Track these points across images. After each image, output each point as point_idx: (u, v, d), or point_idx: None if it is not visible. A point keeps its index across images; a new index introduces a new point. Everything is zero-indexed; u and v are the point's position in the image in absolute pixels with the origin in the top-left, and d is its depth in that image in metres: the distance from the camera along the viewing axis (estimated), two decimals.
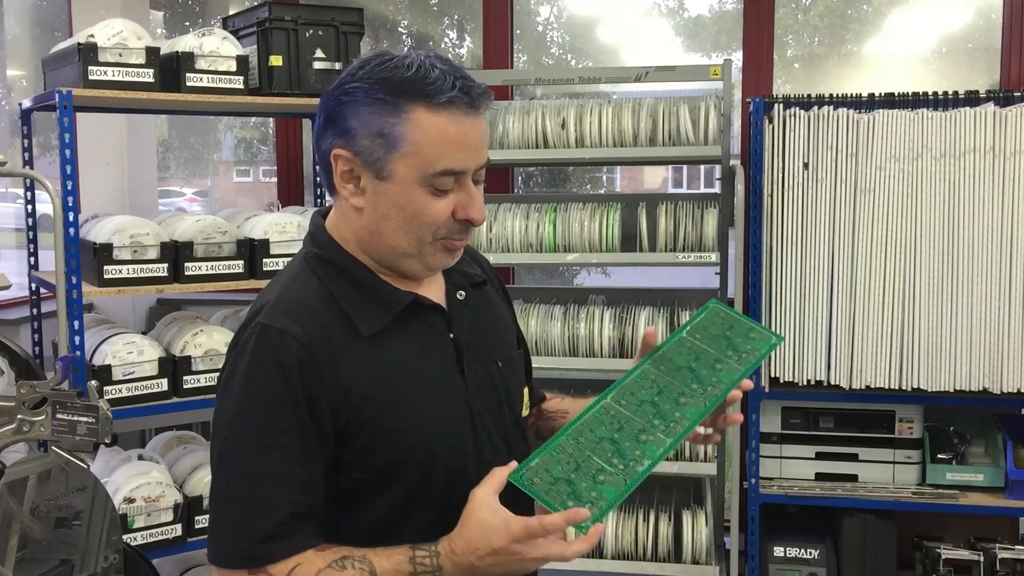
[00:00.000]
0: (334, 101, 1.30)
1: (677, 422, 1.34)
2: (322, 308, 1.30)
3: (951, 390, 3.08)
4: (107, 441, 1.69)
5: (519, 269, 3.98)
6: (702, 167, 5.86)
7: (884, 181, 3.06)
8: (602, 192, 7.82)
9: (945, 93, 3.11)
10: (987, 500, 3.18)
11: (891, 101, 3.13)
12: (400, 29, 7.52)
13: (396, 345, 1.32)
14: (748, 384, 1.40)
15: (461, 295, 1.42)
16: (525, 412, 1.50)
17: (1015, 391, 3.06)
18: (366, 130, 1.26)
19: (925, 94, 3.12)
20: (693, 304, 3.29)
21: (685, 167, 7.49)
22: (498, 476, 1.27)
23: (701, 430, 1.43)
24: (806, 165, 3.14)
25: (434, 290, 1.40)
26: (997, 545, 3.26)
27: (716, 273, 3.28)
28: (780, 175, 3.17)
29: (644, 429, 1.34)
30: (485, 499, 1.24)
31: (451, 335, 1.38)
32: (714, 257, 3.13)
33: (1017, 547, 3.28)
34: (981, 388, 3.08)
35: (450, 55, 7.62)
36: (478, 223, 1.30)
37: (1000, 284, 3.02)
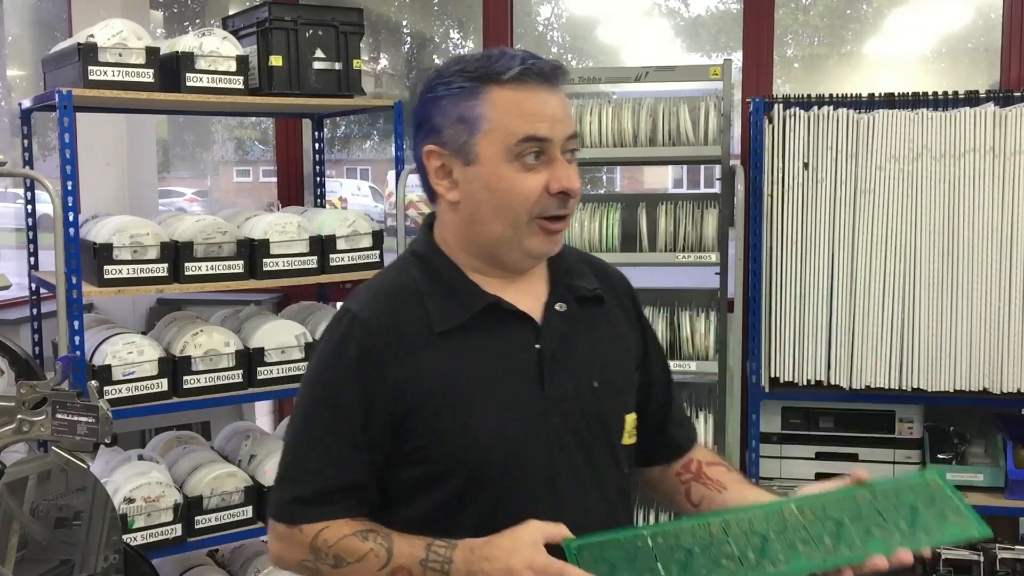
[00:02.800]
0: (420, 109, 1.36)
1: (773, 563, 1.23)
2: (404, 300, 1.34)
3: (951, 390, 3.08)
4: (107, 441, 1.69)
5: None
6: (702, 167, 5.85)
7: (884, 181, 3.06)
8: (602, 192, 7.82)
9: (945, 93, 3.10)
10: (987, 500, 3.17)
11: (891, 101, 3.13)
12: (401, 29, 7.52)
13: (468, 346, 1.33)
14: (906, 557, 1.25)
15: (561, 307, 1.39)
16: (629, 440, 1.44)
17: (1015, 391, 3.06)
18: (448, 120, 1.31)
19: (925, 94, 3.11)
20: (693, 304, 3.28)
21: (685, 167, 7.50)
22: (561, 531, 1.24)
23: None
24: (806, 165, 3.14)
25: (531, 298, 1.39)
26: (997, 545, 3.25)
27: (716, 273, 3.27)
28: (780, 175, 3.17)
29: (728, 556, 1.24)
30: (535, 527, 1.23)
31: (537, 345, 1.35)
32: (714, 257, 3.13)
33: (1017, 547, 3.28)
34: (981, 388, 3.08)
35: (450, 55, 7.62)
36: (574, 193, 1.30)
37: (1000, 284, 3.02)
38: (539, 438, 1.33)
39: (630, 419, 1.44)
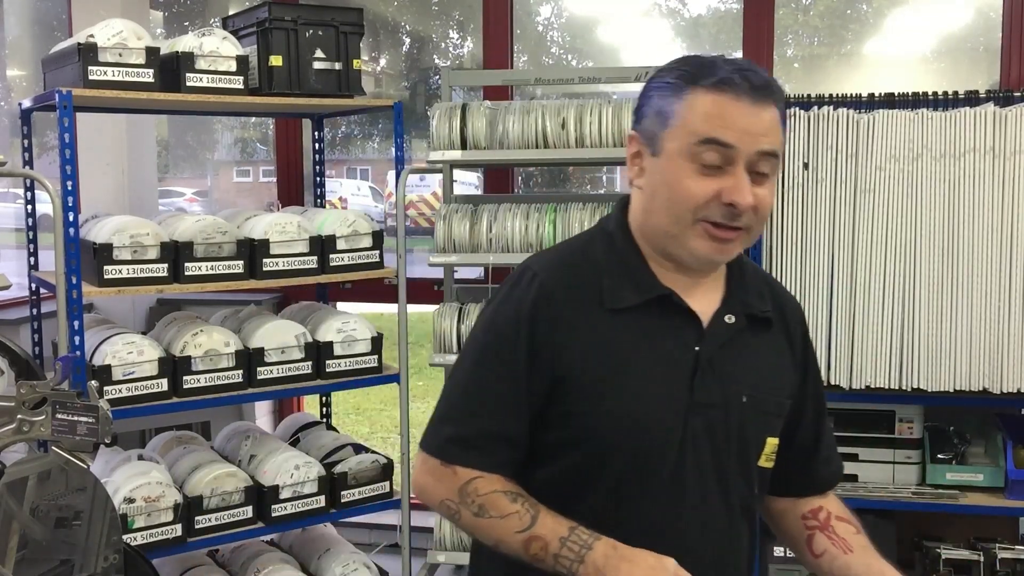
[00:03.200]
0: (639, 97, 1.41)
1: None
2: (585, 272, 1.39)
3: (951, 390, 3.08)
4: (107, 441, 1.69)
5: None
6: None
7: (884, 181, 3.06)
8: (602, 192, 7.82)
9: (945, 93, 3.10)
10: (987, 500, 3.17)
11: (891, 101, 3.13)
12: (401, 29, 7.52)
13: (634, 329, 1.37)
14: None
15: (730, 319, 1.41)
16: (765, 463, 1.45)
17: (1015, 391, 3.06)
18: (650, 111, 1.36)
19: (925, 94, 3.11)
20: None
21: None
22: None
23: None
24: (806, 165, 3.13)
25: (704, 302, 1.41)
26: (997, 545, 3.25)
27: None
28: (780, 175, 3.16)
29: None
30: (676, 566, 1.28)
31: (697, 348, 1.38)
32: None
33: (1017, 547, 3.28)
34: (981, 388, 3.08)
35: (450, 55, 7.63)
36: (742, 208, 1.30)
37: (1000, 284, 3.02)
38: (675, 435, 1.37)
39: (771, 442, 1.45)
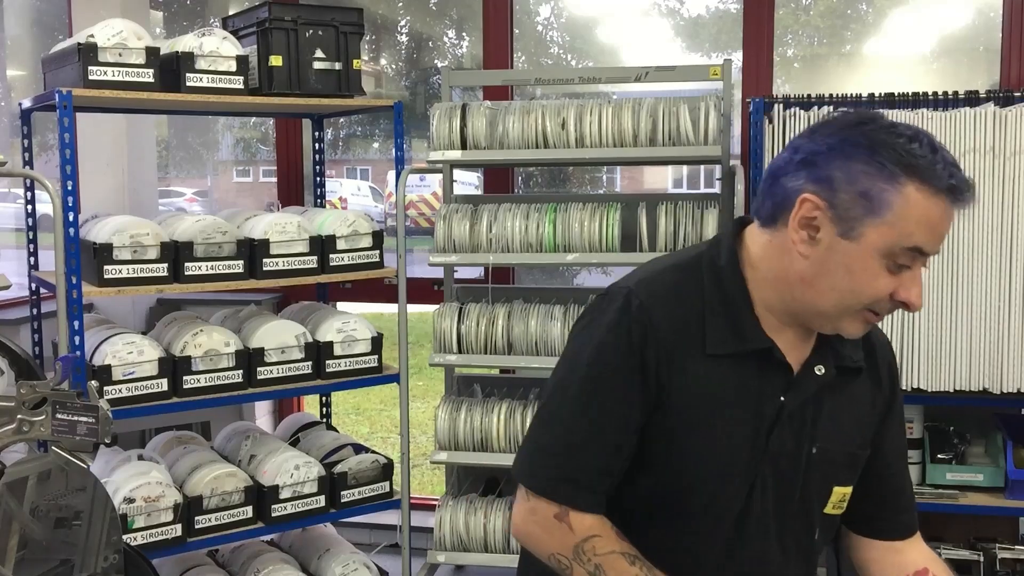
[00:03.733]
0: (823, 145, 1.26)
1: None
2: (688, 305, 1.34)
3: (951, 390, 3.08)
4: (107, 441, 1.69)
5: (519, 269, 3.98)
6: (702, 167, 5.85)
7: None
8: (602, 192, 7.82)
9: (945, 93, 3.10)
10: (987, 500, 3.17)
11: (891, 101, 3.13)
12: (401, 29, 7.51)
13: (727, 376, 1.33)
14: None
15: (820, 370, 1.38)
16: (832, 511, 1.44)
17: (1015, 391, 3.06)
18: (851, 187, 1.23)
19: (925, 94, 3.11)
20: None
21: (686, 167, 7.50)
22: None
23: None
24: None
25: (797, 350, 1.37)
26: (997, 545, 3.25)
27: None
28: None
29: None
30: None
31: (782, 398, 1.36)
32: None
33: (1017, 547, 3.28)
34: (981, 388, 3.08)
35: (450, 55, 7.63)
36: (914, 310, 1.28)
37: (1000, 284, 3.02)
38: (745, 480, 1.36)
39: (839, 491, 1.44)
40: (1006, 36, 3.47)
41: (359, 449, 3.30)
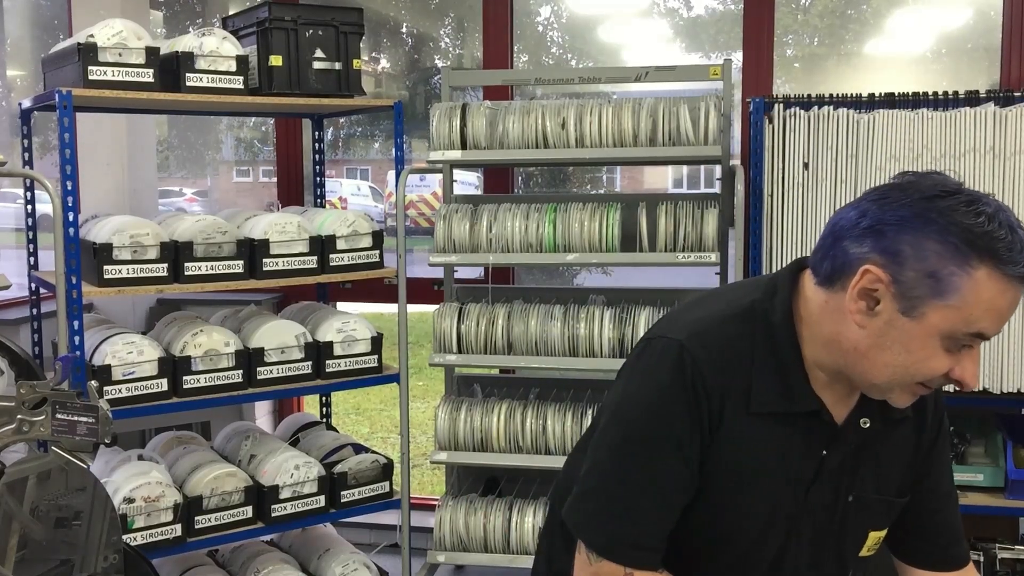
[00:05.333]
0: (893, 216, 1.21)
1: None
2: (737, 360, 1.30)
3: (950, 390, 3.07)
4: (107, 441, 1.69)
5: (519, 269, 3.98)
6: (702, 167, 5.85)
7: (884, 181, 3.05)
8: (602, 192, 7.82)
9: (945, 93, 3.10)
10: (987, 500, 3.17)
11: (891, 101, 3.13)
12: (401, 30, 7.52)
13: (772, 433, 1.32)
14: None
15: (865, 423, 1.35)
16: (866, 553, 1.43)
17: (1015, 391, 3.06)
18: (920, 265, 1.18)
19: (925, 94, 3.11)
20: None
21: (686, 167, 7.50)
22: None
23: None
24: (806, 165, 3.13)
25: (842, 404, 1.35)
26: (997, 545, 3.25)
27: (716, 273, 3.27)
28: (780, 175, 3.16)
29: None
30: None
31: (824, 452, 1.34)
32: (714, 257, 3.13)
33: (1017, 547, 3.28)
34: (981, 388, 3.08)
35: (450, 55, 7.63)
36: (968, 389, 1.25)
37: None
38: (782, 531, 1.36)
39: (874, 536, 1.43)
40: (1006, 36, 3.47)
41: (359, 449, 3.30)
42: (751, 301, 1.33)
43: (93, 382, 1.91)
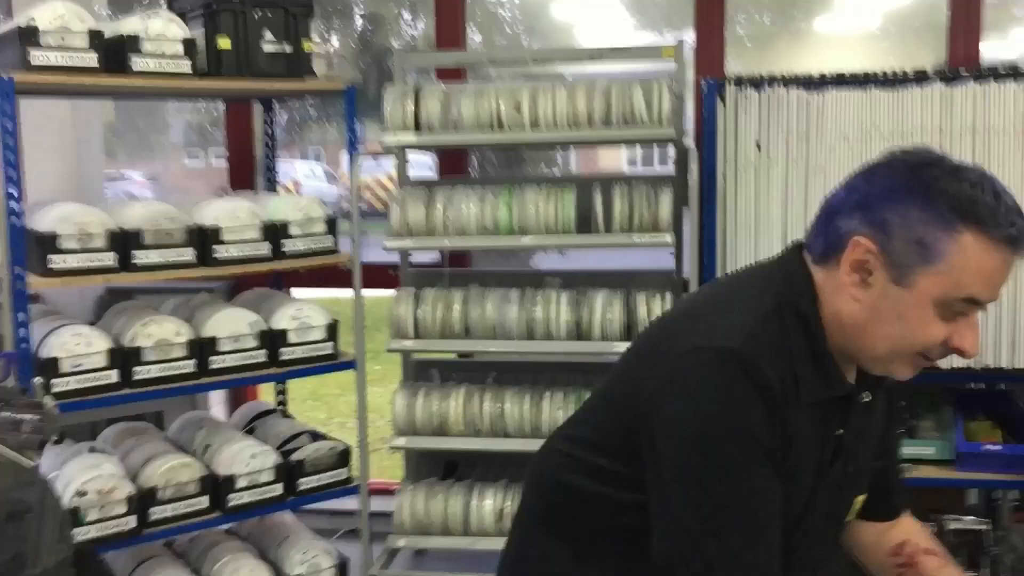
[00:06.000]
0: (880, 188, 1.23)
1: None
2: (784, 356, 1.26)
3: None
4: (54, 439, 1.65)
5: (476, 253, 3.96)
6: (660, 146, 5.87)
7: (836, 161, 3.09)
8: (558, 173, 7.82)
9: (894, 73, 3.13)
10: (937, 473, 3.23)
11: (841, 80, 3.15)
12: (353, 10, 7.42)
13: (814, 420, 1.30)
14: None
15: (866, 397, 1.36)
16: (851, 517, 1.47)
17: (964, 366, 3.11)
18: (907, 233, 1.20)
19: (874, 74, 3.14)
20: (649, 286, 3.28)
21: (642, 147, 7.52)
22: None
23: None
24: (759, 145, 3.15)
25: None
26: (947, 516, 3.33)
27: (671, 254, 3.29)
28: (734, 155, 3.18)
29: None
30: None
31: (840, 431, 1.34)
32: (669, 238, 3.14)
33: (966, 518, 3.36)
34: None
35: (404, 35, 7.55)
36: (968, 357, 1.26)
37: None
38: (808, 512, 1.35)
39: (859, 500, 1.46)
40: (952, 14, 3.51)
41: (316, 436, 3.27)
42: (776, 293, 1.31)
43: (38, 379, 1.87)
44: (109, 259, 2.75)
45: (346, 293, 3.37)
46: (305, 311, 3.12)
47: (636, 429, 1.28)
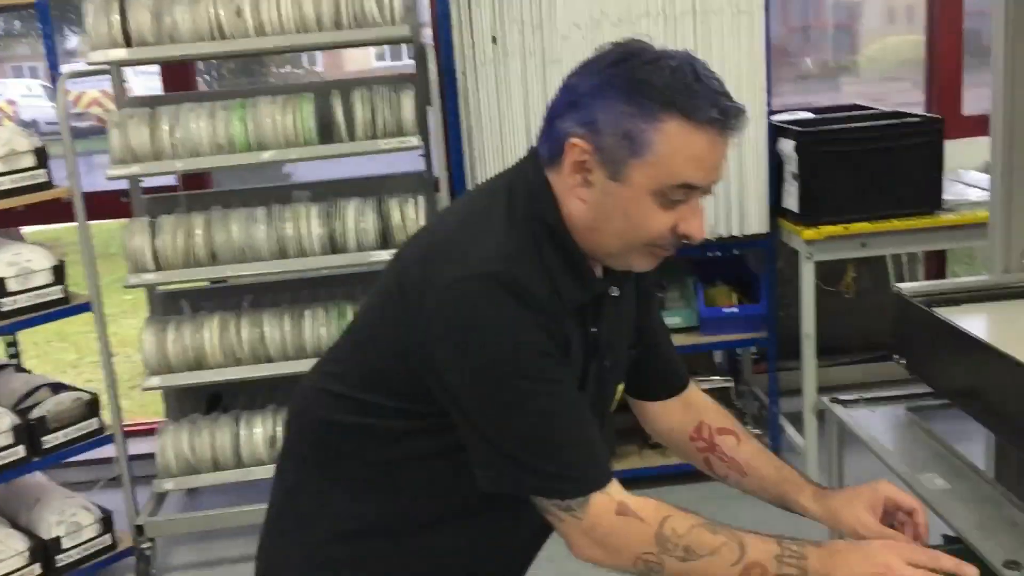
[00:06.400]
0: (587, 86, 1.23)
1: None
2: (541, 269, 1.25)
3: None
4: None
5: (216, 173, 3.72)
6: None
7: (569, 50, 3.12)
8: (301, 81, 7.47)
9: None
10: (686, 340, 3.46)
11: None
12: None
13: (576, 324, 1.30)
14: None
15: (615, 291, 1.36)
16: (614, 407, 1.47)
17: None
18: (613, 128, 1.20)
19: None
20: (400, 191, 3.22)
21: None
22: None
23: None
24: (495, 39, 3.12)
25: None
26: (697, 378, 3.58)
27: (421, 155, 3.24)
28: (472, 51, 3.14)
29: None
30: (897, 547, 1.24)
31: (594, 329, 1.33)
32: (415, 141, 3.08)
33: (714, 377, 3.64)
34: None
35: None
36: (696, 242, 1.26)
37: None
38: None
39: (620, 389, 1.48)
40: None
41: (58, 388, 3.02)
42: (521, 206, 1.29)
43: None
44: None
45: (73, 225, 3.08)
46: (25, 255, 2.83)
47: (415, 370, 1.25)
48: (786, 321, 3.75)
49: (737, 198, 3.33)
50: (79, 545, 2.92)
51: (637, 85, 1.19)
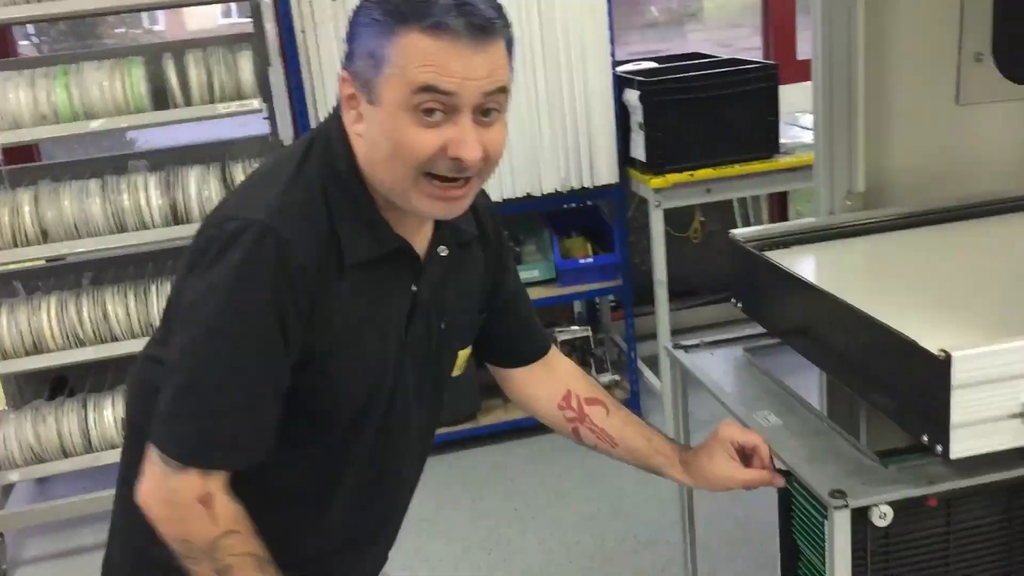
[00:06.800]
0: (352, 21, 1.23)
1: None
2: (320, 222, 1.23)
3: (500, 199, 3.30)
4: None
5: (44, 145, 3.51)
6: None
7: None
8: (119, 46, 7.09)
9: None
10: (545, 292, 3.51)
11: None
12: None
13: (368, 283, 1.27)
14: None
15: (443, 251, 1.36)
16: (456, 372, 1.48)
17: (553, 191, 3.36)
18: (361, 52, 1.20)
19: None
20: (245, 156, 3.11)
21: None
22: None
23: None
24: None
25: (421, 237, 1.34)
26: (556, 329, 3.65)
27: (265, 118, 3.13)
28: (310, 8, 3.04)
29: None
30: None
31: (414, 288, 1.33)
32: (256, 103, 2.97)
33: (573, 327, 3.71)
34: (525, 194, 3.34)
35: None
36: (468, 163, 1.20)
37: (528, 101, 3.23)
38: (391, 377, 1.34)
39: (463, 354, 1.48)
40: None
41: None
42: (315, 158, 1.28)
43: None
44: None
45: None
46: None
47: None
48: (641, 268, 3.85)
49: (587, 149, 3.38)
50: None
51: (379, 6, 1.20)
